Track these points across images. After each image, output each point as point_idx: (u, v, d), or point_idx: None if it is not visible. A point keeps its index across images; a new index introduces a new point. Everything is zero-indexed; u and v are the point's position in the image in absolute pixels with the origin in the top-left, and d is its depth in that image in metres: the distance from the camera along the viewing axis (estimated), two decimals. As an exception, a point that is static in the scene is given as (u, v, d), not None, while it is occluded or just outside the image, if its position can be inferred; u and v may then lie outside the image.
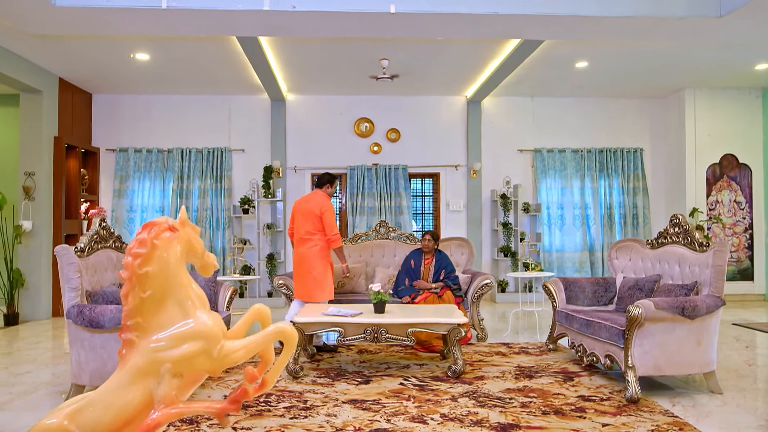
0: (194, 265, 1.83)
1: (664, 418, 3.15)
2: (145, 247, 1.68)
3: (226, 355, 1.67)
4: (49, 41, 5.94)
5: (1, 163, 7.52)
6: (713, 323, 3.55)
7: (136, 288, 1.66)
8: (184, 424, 3.10)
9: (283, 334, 1.74)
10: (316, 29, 5.25)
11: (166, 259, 1.71)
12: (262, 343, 1.74)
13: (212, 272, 1.83)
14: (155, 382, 1.58)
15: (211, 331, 1.68)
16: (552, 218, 8.35)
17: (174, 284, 1.71)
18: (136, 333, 1.65)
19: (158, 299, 1.70)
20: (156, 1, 4.71)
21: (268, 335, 1.75)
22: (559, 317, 4.62)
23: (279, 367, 1.78)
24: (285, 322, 1.80)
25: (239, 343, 1.72)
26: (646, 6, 4.93)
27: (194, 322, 1.68)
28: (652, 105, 8.56)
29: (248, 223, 8.15)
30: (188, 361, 1.63)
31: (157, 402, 1.56)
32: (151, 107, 8.13)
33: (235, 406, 1.67)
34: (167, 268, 1.71)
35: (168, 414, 1.56)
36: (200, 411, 1.70)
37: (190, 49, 6.30)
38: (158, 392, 1.56)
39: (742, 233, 8.08)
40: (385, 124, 8.33)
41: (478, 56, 6.66)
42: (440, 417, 3.21)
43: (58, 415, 1.57)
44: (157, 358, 1.60)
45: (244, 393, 1.70)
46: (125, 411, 1.58)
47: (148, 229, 1.71)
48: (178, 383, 1.62)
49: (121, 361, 1.66)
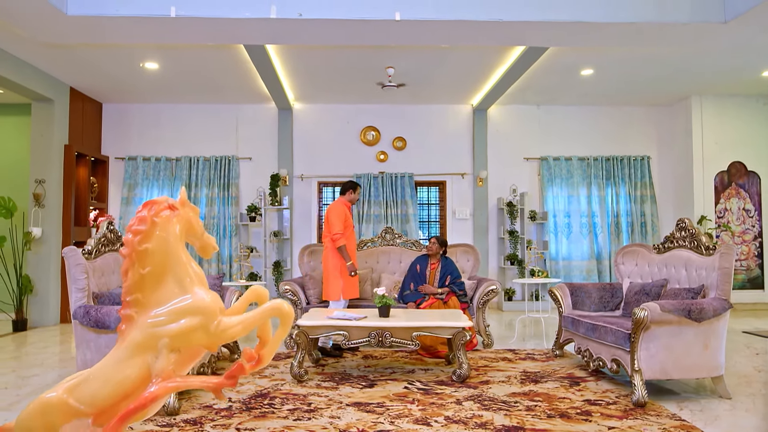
0: (194, 246, 1.85)
1: (671, 422, 3.11)
2: (145, 224, 1.72)
3: (223, 330, 1.69)
4: (61, 51, 6.06)
5: (12, 171, 7.63)
6: (720, 327, 3.52)
7: (135, 264, 1.70)
8: (188, 425, 3.10)
9: (279, 310, 1.75)
10: (322, 37, 5.32)
11: (166, 236, 1.74)
12: (258, 319, 1.75)
13: (211, 254, 1.86)
14: (153, 357, 1.60)
15: (209, 306, 1.70)
16: (559, 226, 8.32)
17: (173, 261, 1.74)
18: (135, 309, 1.68)
19: (157, 276, 1.72)
20: (165, 10, 4.81)
21: (264, 311, 1.76)
22: (565, 322, 4.59)
23: (275, 344, 1.80)
24: (282, 300, 1.84)
25: (236, 318, 1.74)
26: (650, 12, 4.96)
27: (192, 298, 1.70)
28: (658, 113, 8.55)
29: (255, 231, 8.19)
30: (186, 335, 1.65)
31: (155, 376, 1.58)
32: (160, 116, 8.23)
33: (231, 381, 1.68)
34: (166, 246, 1.74)
35: (165, 387, 1.57)
36: (197, 385, 1.73)
37: (199, 58, 6.39)
38: (156, 366, 1.58)
39: (752, 241, 8.00)
40: (391, 133, 8.38)
41: (484, 64, 6.70)
42: (444, 419, 3.19)
43: (57, 389, 1.60)
44: (155, 332, 1.63)
45: (241, 368, 1.71)
46: (123, 385, 1.60)
47: (148, 207, 1.75)
48: (176, 358, 1.64)
49: (120, 337, 1.68)
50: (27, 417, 1.61)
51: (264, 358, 1.78)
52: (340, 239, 4.99)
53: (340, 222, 5.03)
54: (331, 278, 5.08)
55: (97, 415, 1.57)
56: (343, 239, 5.01)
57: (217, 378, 1.69)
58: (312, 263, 5.91)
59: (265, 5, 4.84)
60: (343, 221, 5.05)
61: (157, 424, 3.13)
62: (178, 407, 3.29)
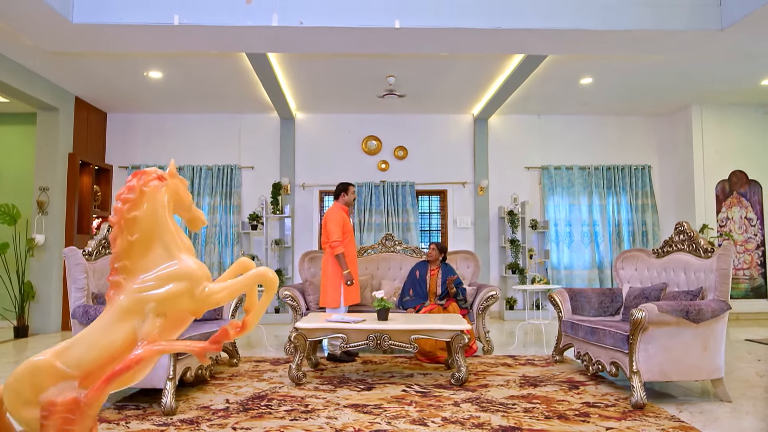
0: (182, 219, 1.88)
1: (669, 423, 3.09)
2: (134, 193, 1.75)
3: (208, 296, 1.71)
4: (66, 60, 6.15)
5: (16, 179, 7.70)
6: (719, 328, 3.50)
7: (124, 232, 1.73)
8: (184, 425, 3.10)
9: (264, 277, 1.77)
10: (323, 45, 5.39)
11: (154, 205, 1.77)
12: (243, 285, 1.78)
13: (200, 227, 1.89)
14: (139, 321, 1.62)
15: (195, 272, 1.73)
16: (560, 235, 8.31)
17: (161, 229, 1.77)
18: (123, 275, 1.71)
19: (145, 243, 1.75)
20: (168, 18, 4.89)
21: (249, 278, 1.79)
22: (564, 327, 4.57)
23: (259, 311, 1.82)
24: (266, 267, 1.88)
25: (221, 284, 1.76)
26: (647, 20, 5.01)
27: (179, 264, 1.73)
28: (658, 122, 8.58)
29: (257, 240, 8.22)
30: (172, 300, 1.67)
31: (141, 339, 1.60)
32: (164, 126, 8.32)
33: (215, 346, 1.69)
34: (154, 214, 1.77)
35: (150, 350, 1.59)
36: (181, 349, 1.75)
37: (202, 67, 6.48)
38: (142, 330, 1.60)
39: (754, 250, 7.97)
40: (392, 142, 8.43)
41: (483, 73, 6.76)
42: (441, 420, 3.18)
43: (46, 353, 1.63)
44: (141, 297, 1.65)
45: (225, 333, 1.73)
46: (110, 348, 1.63)
47: (138, 177, 1.79)
48: (162, 323, 1.65)
49: (108, 303, 1.70)
50: (15, 379, 1.63)
51: (248, 324, 1.81)
52: (339, 247, 4.89)
53: (339, 228, 4.93)
54: (329, 285, 4.96)
55: (83, 377, 1.59)
56: (342, 247, 4.91)
57: (201, 343, 1.70)
58: (312, 269, 5.92)
59: (266, 13, 4.92)
60: (341, 227, 4.95)
61: (154, 423, 3.13)
62: (175, 407, 3.30)
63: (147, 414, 3.30)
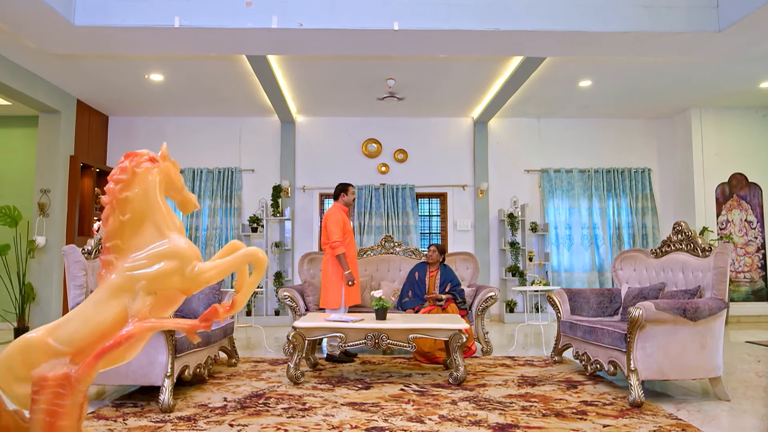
0: (174, 201, 1.90)
1: (667, 420, 3.08)
2: (126, 173, 1.78)
3: (198, 274, 1.73)
4: (68, 62, 6.20)
5: (18, 181, 7.74)
6: (717, 327, 3.50)
7: (116, 211, 1.75)
8: (181, 422, 3.11)
9: (253, 256, 1.79)
10: (323, 47, 5.42)
11: (145, 185, 1.79)
12: (233, 264, 1.79)
13: (191, 210, 1.91)
14: (130, 299, 1.64)
15: (186, 251, 1.75)
16: (560, 238, 8.31)
17: (152, 209, 1.79)
18: (115, 255, 1.73)
19: (136, 222, 1.77)
20: (169, 20, 4.93)
21: (239, 257, 1.80)
22: (563, 327, 4.57)
23: (249, 290, 1.83)
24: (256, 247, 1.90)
25: (211, 263, 1.78)
26: (645, 21, 5.03)
27: (169, 243, 1.75)
28: (658, 125, 8.60)
29: (257, 242, 8.23)
30: (162, 278, 1.69)
31: (131, 316, 1.62)
32: (165, 129, 8.35)
33: (205, 324, 1.71)
34: (146, 194, 1.79)
35: (141, 327, 1.60)
36: (171, 326, 1.77)
37: (203, 70, 6.52)
38: (132, 308, 1.62)
39: (755, 253, 7.96)
40: (392, 145, 8.46)
41: (483, 76, 6.79)
42: (438, 418, 3.17)
43: (38, 330, 1.65)
44: (133, 276, 1.67)
45: (214, 311, 1.74)
46: (101, 326, 1.65)
47: (130, 159, 1.81)
48: (152, 301, 1.67)
49: (100, 282, 1.72)
50: (7, 356, 1.65)
51: (238, 303, 1.83)
52: (339, 247, 4.89)
53: (339, 229, 4.93)
54: (330, 286, 4.96)
55: (74, 354, 1.61)
56: (343, 247, 4.90)
57: (191, 320, 1.72)
58: (311, 270, 5.93)
59: (266, 15, 4.96)
60: (341, 228, 4.95)
61: (151, 420, 3.13)
62: (172, 405, 3.30)
63: (145, 411, 3.31)
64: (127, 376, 3.38)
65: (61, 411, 1.51)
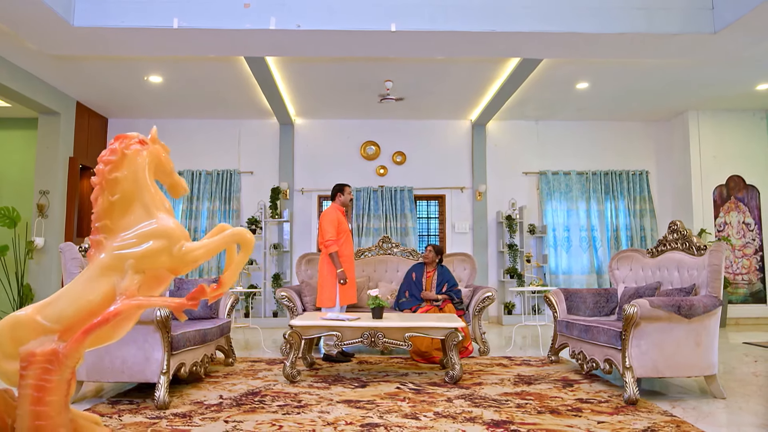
0: (164, 185, 1.91)
1: (661, 417, 3.09)
2: (116, 155, 1.80)
3: (186, 253, 1.74)
4: (68, 64, 6.23)
5: (17, 182, 7.77)
6: (712, 324, 3.51)
7: (105, 192, 1.77)
8: (177, 418, 3.11)
9: (240, 236, 1.80)
10: (320, 48, 5.45)
11: (134, 167, 1.81)
12: (221, 244, 1.81)
13: (181, 194, 1.92)
14: (119, 278, 1.66)
15: (174, 231, 1.77)
16: (558, 240, 8.32)
17: (141, 190, 1.81)
18: (104, 234, 1.75)
19: (126, 203, 1.78)
20: (168, 21, 4.97)
21: (226, 237, 1.82)
22: (560, 327, 4.58)
23: (236, 268, 1.85)
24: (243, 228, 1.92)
25: (199, 243, 1.80)
26: (640, 23, 5.06)
27: (157, 223, 1.77)
28: (656, 128, 8.62)
29: (255, 244, 8.20)
30: (150, 257, 1.71)
31: (119, 294, 1.63)
32: (164, 131, 8.37)
33: (192, 302, 1.72)
34: (135, 176, 1.81)
35: (128, 304, 1.62)
36: (159, 304, 1.77)
37: (202, 72, 6.55)
38: (120, 286, 1.63)
39: (753, 255, 7.97)
40: (391, 148, 8.48)
41: (480, 78, 6.82)
42: (433, 414, 3.18)
43: (28, 308, 1.66)
44: (121, 254, 1.69)
45: (201, 290, 1.76)
46: (90, 304, 1.66)
47: (120, 140, 1.83)
48: (141, 280, 1.68)
49: (89, 262, 1.74)
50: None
51: (224, 281, 1.84)
52: (332, 245, 4.88)
53: (333, 228, 4.93)
54: (325, 285, 4.96)
55: (63, 331, 1.63)
56: (336, 245, 4.90)
57: (179, 299, 1.73)
58: (309, 271, 5.95)
59: (264, 17, 5.00)
60: (335, 227, 4.94)
61: (147, 416, 3.14)
62: (168, 402, 3.31)
63: (140, 408, 3.31)
64: (122, 372, 3.39)
65: (48, 386, 1.52)
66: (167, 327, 3.36)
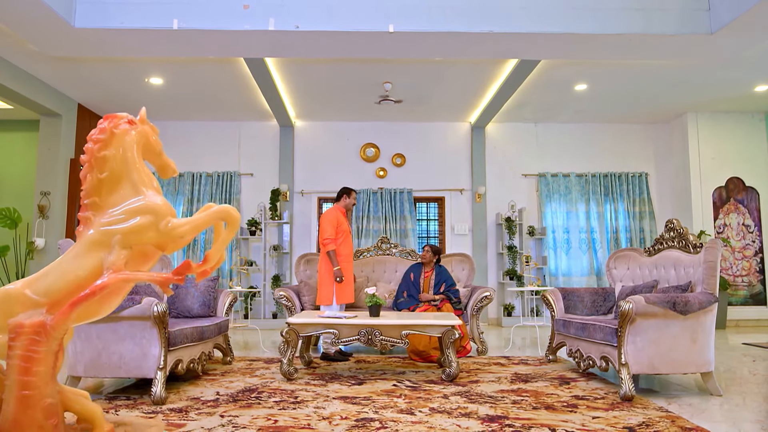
0: (153, 165, 1.94)
1: (656, 413, 3.09)
2: (105, 134, 1.84)
3: (172, 229, 1.77)
4: (69, 66, 6.28)
5: (18, 183, 7.81)
6: (708, 321, 3.51)
7: (94, 170, 1.81)
8: (173, 413, 3.12)
9: (226, 213, 1.83)
10: (319, 49, 5.49)
11: (123, 146, 1.85)
12: (207, 220, 1.84)
13: (171, 175, 1.95)
14: (106, 253, 1.69)
15: (160, 207, 1.80)
16: (558, 242, 8.33)
17: (129, 168, 1.84)
18: (92, 211, 1.78)
19: (114, 181, 1.82)
20: (168, 23, 5.01)
21: (211, 214, 1.85)
22: (557, 325, 4.58)
23: (221, 245, 1.87)
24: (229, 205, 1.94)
25: (185, 219, 1.82)
26: (638, 24, 5.09)
27: (144, 199, 1.80)
28: (655, 130, 8.64)
29: (255, 245, 8.27)
30: (137, 233, 1.74)
31: (106, 269, 1.66)
32: (165, 133, 8.34)
33: (178, 278, 1.74)
34: (123, 154, 1.85)
35: (115, 279, 1.64)
36: (145, 279, 1.81)
37: (202, 74, 6.60)
38: (108, 260, 1.66)
39: (753, 257, 7.96)
40: (390, 150, 8.51)
41: (479, 80, 6.85)
42: (429, 410, 3.18)
43: (17, 282, 1.70)
44: (109, 230, 1.72)
45: (187, 265, 1.78)
46: (78, 278, 1.70)
47: (109, 120, 1.87)
48: (128, 255, 1.71)
49: (78, 238, 1.77)
50: None
51: (210, 256, 1.86)
52: (330, 244, 4.93)
53: (332, 227, 4.98)
54: (324, 283, 5.02)
55: (51, 305, 1.66)
56: (333, 244, 4.94)
57: (165, 273, 1.75)
58: (308, 271, 5.96)
59: (263, 18, 5.04)
60: (335, 227, 5.00)
61: (143, 411, 3.15)
62: (165, 397, 3.32)
63: (137, 404, 3.32)
64: (120, 368, 3.40)
65: (36, 357, 1.56)
66: (164, 323, 3.37)
